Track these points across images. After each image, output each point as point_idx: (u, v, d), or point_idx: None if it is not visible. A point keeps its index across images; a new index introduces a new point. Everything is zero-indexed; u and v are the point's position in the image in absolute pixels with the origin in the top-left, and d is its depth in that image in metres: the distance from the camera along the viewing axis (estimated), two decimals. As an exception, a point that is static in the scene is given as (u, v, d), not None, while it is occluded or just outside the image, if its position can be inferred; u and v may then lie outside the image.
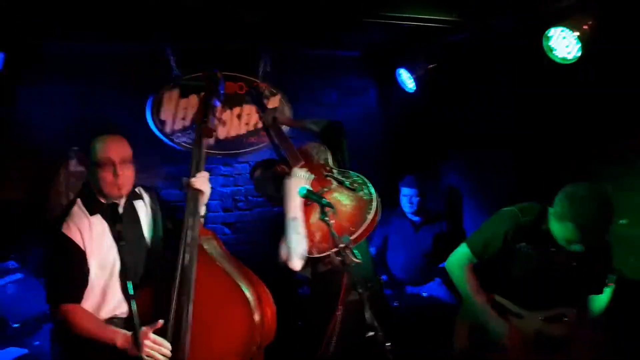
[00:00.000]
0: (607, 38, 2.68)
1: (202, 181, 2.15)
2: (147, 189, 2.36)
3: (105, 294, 2.08)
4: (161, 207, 2.36)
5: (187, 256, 2.02)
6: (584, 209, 2.13)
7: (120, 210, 2.18)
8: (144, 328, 1.91)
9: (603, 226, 2.15)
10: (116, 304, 2.11)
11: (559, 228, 2.25)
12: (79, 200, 2.13)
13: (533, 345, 2.38)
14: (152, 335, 1.92)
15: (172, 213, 2.43)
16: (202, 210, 2.19)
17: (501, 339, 2.37)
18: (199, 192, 2.13)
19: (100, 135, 2.13)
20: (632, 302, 2.59)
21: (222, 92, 2.35)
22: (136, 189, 2.27)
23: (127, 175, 2.13)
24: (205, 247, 2.12)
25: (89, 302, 2.05)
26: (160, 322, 1.93)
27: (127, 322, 2.07)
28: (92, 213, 2.11)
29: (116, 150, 2.11)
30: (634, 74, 2.70)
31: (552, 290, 2.38)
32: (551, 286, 2.38)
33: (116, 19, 3.18)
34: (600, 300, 2.44)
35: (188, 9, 3.07)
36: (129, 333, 1.95)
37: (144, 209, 2.28)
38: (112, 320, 2.09)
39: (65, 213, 2.09)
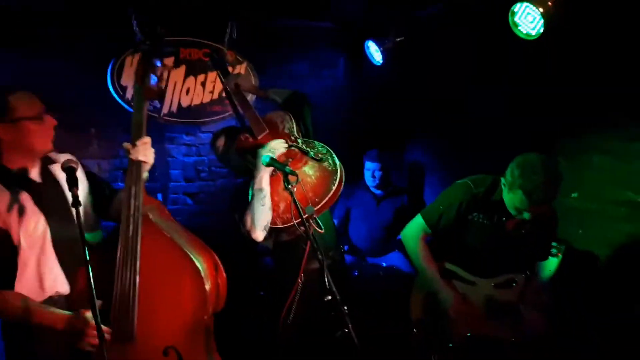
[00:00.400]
0: (571, 15, 2.72)
1: (143, 149, 1.99)
2: (63, 154, 2.12)
3: (40, 271, 1.93)
4: (89, 172, 2.19)
5: (131, 226, 1.90)
6: (532, 175, 2.21)
7: (37, 176, 2.00)
8: (82, 310, 1.78)
9: (550, 193, 2.22)
10: (54, 280, 1.96)
11: (510, 197, 2.33)
12: None
13: (484, 311, 2.46)
14: (91, 318, 1.74)
15: (102, 179, 2.29)
16: (145, 176, 2.04)
17: (449, 308, 2.44)
18: (141, 161, 1.98)
19: (12, 91, 1.90)
20: (578, 270, 2.71)
21: (166, 50, 2.23)
22: (49, 154, 2.07)
23: (55, 125, 1.99)
24: (150, 216, 2.00)
25: (24, 282, 1.90)
26: (99, 302, 1.74)
27: (67, 300, 1.95)
28: (8, 187, 1.91)
29: (40, 102, 1.95)
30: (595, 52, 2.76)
31: (503, 257, 2.50)
32: (502, 254, 2.49)
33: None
34: (548, 267, 2.54)
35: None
36: (69, 313, 1.83)
37: (63, 173, 2.08)
38: (52, 299, 1.95)
39: None
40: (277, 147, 2.40)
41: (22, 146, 1.93)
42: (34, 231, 1.91)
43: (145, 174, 2.03)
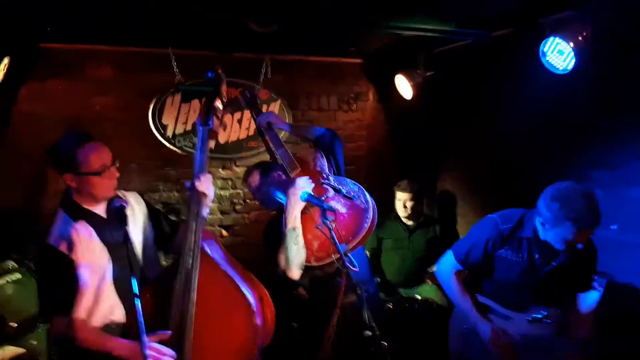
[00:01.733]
0: (602, 49, 2.74)
1: (206, 184, 2.11)
2: (128, 191, 2.31)
3: (98, 299, 2.02)
4: (153, 209, 2.33)
5: (189, 260, 1.98)
6: (574, 204, 2.18)
7: (102, 212, 2.15)
8: (147, 337, 1.81)
9: (597, 215, 2.18)
10: (110, 309, 2.05)
11: (556, 233, 2.27)
12: (61, 210, 2.08)
13: (520, 346, 2.43)
14: (156, 345, 1.86)
15: (166, 215, 2.42)
16: (205, 213, 2.14)
17: (488, 342, 2.42)
18: (203, 195, 2.09)
19: (81, 144, 2.04)
20: (623, 304, 2.65)
21: (224, 92, 2.35)
22: (118, 192, 2.21)
23: (117, 176, 2.14)
24: (207, 250, 2.08)
25: (81, 309, 1.99)
26: (167, 333, 1.90)
27: (124, 328, 2.04)
28: (76, 219, 2.06)
29: (107, 154, 2.10)
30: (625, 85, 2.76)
31: (537, 292, 2.45)
32: (535, 289, 2.45)
33: (122, 22, 3.24)
34: (589, 300, 2.50)
35: (195, 16, 3.12)
36: (132, 342, 1.89)
37: (129, 210, 2.20)
38: (109, 327, 2.04)
39: (49, 224, 2.04)
40: (305, 185, 2.42)
41: (86, 193, 2.09)
42: (96, 262, 2.03)
43: (206, 210, 2.13)
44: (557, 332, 2.40)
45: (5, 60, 3.19)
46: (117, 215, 2.03)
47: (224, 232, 4.28)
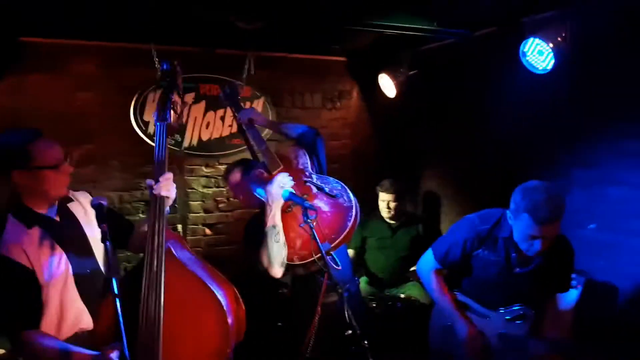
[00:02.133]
0: (581, 49, 2.78)
1: (166, 185, 1.96)
2: (78, 191, 2.21)
3: (63, 307, 1.94)
4: (108, 208, 2.17)
5: (154, 261, 1.88)
6: (533, 195, 2.20)
7: (55, 215, 2.05)
8: (107, 349, 1.74)
9: (555, 210, 2.18)
10: (77, 316, 1.98)
11: (517, 227, 2.29)
12: (10, 216, 1.95)
13: (496, 345, 2.46)
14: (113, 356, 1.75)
15: (120, 214, 2.35)
16: (167, 211, 2.02)
17: (463, 341, 2.45)
18: (163, 197, 1.97)
19: (32, 139, 1.94)
20: (600, 303, 2.70)
21: (186, 86, 2.23)
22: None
23: (71, 172, 2.04)
24: (173, 250, 2.00)
25: (47, 320, 1.91)
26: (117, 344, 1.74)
27: (91, 335, 1.96)
28: (28, 226, 1.94)
29: (59, 150, 2.01)
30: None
31: (514, 291, 2.48)
32: (513, 288, 2.47)
33: (105, 17, 3.19)
34: (568, 299, 2.53)
35: (178, 13, 3.09)
36: (95, 353, 1.80)
37: (81, 210, 2.15)
38: (77, 335, 1.97)
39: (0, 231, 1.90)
40: (285, 182, 2.41)
41: (38, 191, 1.98)
42: (56, 269, 1.93)
43: (167, 209, 2.04)
44: (533, 332, 2.43)
45: None
46: (97, 213, 1.92)
47: (207, 231, 4.26)
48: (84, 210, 2.15)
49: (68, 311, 1.95)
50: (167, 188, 1.97)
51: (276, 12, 3.14)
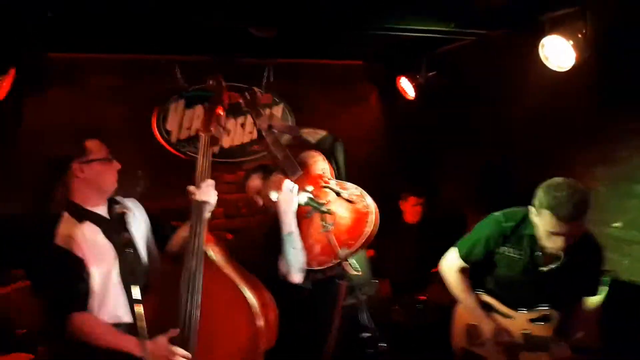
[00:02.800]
0: (602, 46, 2.73)
1: (207, 191, 2.15)
2: (126, 198, 2.34)
3: (105, 298, 2.06)
4: (150, 214, 2.36)
5: (193, 263, 2.02)
6: (555, 192, 2.17)
7: (105, 214, 2.19)
8: (159, 337, 1.89)
9: (576, 208, 2.14)
10: (117, 309, 2.08)
11: (539, 223, 2.26)
12: (65, 213, 2.11)
13: (521, 345, 2.43)
14: (170, 345, 1.91)
15: (163, 219, 2.43)
16: (207, 216, 2.17)
17: (490, 339, 2.42)
18: (204, 201, 2.14)
19: (87, 137, 2.18)
20: (627, 303, 2.62)
21: (225, 100, 2.38)
22: (116, 197, 2.27)
23: (119, 169, 2.22)
24: (210, 253, 2.11)
25: (93, 307, 2.02)
26: (176, 330, 1.93)
27: (131, 329, 2.03)
28: (80, 220, 2.10)
29: (107, 149, 2.21)
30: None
31: (536, 292, 2.44)
32: (538, 287, 2.43)
33: (124, 31, 3.28)
34: (594, 299, 2.48)
35: (196, 23, 3.15)
36: (146, 340, 1.89)
37: (129, 214, 2.21)
38: (118, 326, 2.05)
39: (55, 225, 2.06)
40: (293, 187, 2.43)
41: (94, 184, 2.16)
42: (103, 261, 2.07)
43: (207, 214, 2.17)
44: (558, 333, 2.39)
45: (11, 71, 3.24)
46: (118, 221, 2.05)
47: (229, 236, 4.30)
48: (132, 214, 2.26)
49: (110, 301, 2.06)
50: (208, 194, 2.14)
51: (291, 18, 3.17)
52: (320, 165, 2.65)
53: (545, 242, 2.28)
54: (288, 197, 2.40)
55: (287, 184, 2.45)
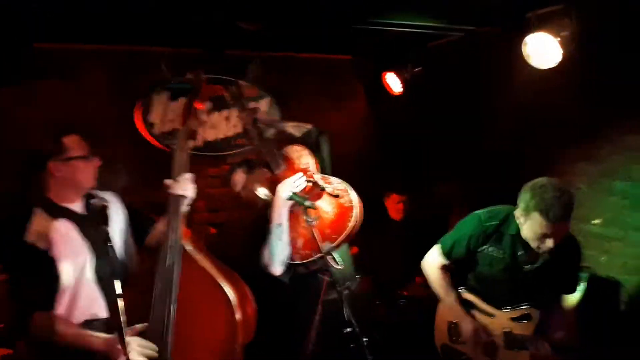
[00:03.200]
0: (588, 43, 2.74)
1: (184, 185, 2.11)
2: (106, 192, 2.29)
3: (77, 295, 2.03)
4: (129, 207, 2.32)
5: (170, 258, 1.99)
6: (544, 194, 2.18)
7: (80, 209, 2.15)
8: (127, 330, 1.80)
9: (566, 208, 2.17)
10: (91, 305, 2.05)
11: (528, 226, 2.27)
12: (36, 209, 2.05)
13: (501, 344, 2.45)
14: (137, 338, 1.87)
15: (142, 212, 2.41)
16: (184, 210, 2.14)
17: (470, 338, 2.44)
18: (181, 195, 2.10)
19: (66, 133, 2.11)
20: (604, 299, 2.66)
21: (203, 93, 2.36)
22: (93, 191, 2.22)
23: (99, 166, 2.17)
24: (187, 248, 2.08)
25: (61, 306, 2.00)
26: (144, 325, 1.91)
27: (107, 324, 2.02)
28: (54, 216, 2.06)
29: (86, 145, 2.14)
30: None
31: (520, 289, 2.46)
32: (519, 286, 2.45)
33: (109, 21, 3.22)
34: (572, 298, 2.50)
35: (182, 15, 3.10)
36: (109, 336, 1.89)
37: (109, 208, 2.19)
38: (92, 323, 2.03)
39: (26, 221, 2.01)
40: (299, 184, 2.42)
41: (70, 182, 2.11)
42: (76, 257, 2.04)
43: (185, 208, 2.14)
44: (538, 331, 2.40)
45: None
46: (99, 214, 1.98)
47: (212, 230, 4.26)
48: (110, 209, 2.18)
49: (83, 298, 2.03)
50: (185, 187, 2.10)
51: (279, 11, 3.14)
52: (305, 159, 2.64)
53: (534, 244, 2.29)
54: (287, 191, 2.37)
55: (295, 178, 2.44)
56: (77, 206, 2.16)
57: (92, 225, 2.09)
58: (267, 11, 3.15)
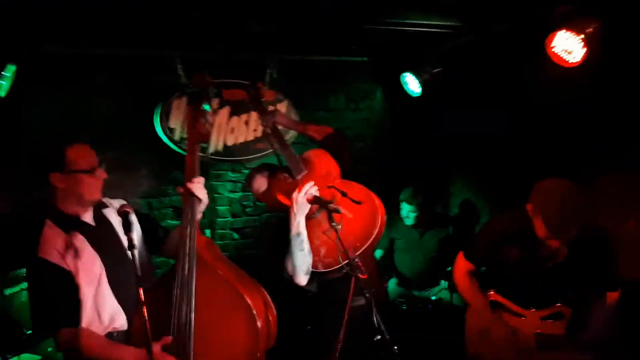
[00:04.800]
0: (611, 42, 2.69)
1: (197, 189, 2.07)
2: (113, 199, 2.27)
3: (97, 308, 2.00)
4: (141, 214, 2.28)
5: (186, 265, 1.97)
6: (552, 199, 2.20)
7: (91, 220, 2.11)
8: (153, 345, 1.78)
9: (573, 215, 2.17)
10: (111, 317, 2.03)
11: (539, 225, 2.28)
12: (48, 221, 2.02)
13: (534, 345, 2.42)
14: (160, 352, 1.86)
15: (154, 220, 2.40)
16: (199, 217, 2.11)
17: (501, 342, 2.41)
18: (196, 199, 2.07)
19: (70, 143, 2.04)
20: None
21: (211, 95, 2.31)
22: (102, 199, 2.19)
23: (105, 178, 2.10)
24: (204, 255, 2.06)
25: (84, 320, 1.97)
26: (169, 338, 1.89)
27: (127, 335, 2.04)
28: (65, 230, 2.01)
29: (94, 155, 2.08)
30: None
31: (546, 289, 2.44)
32: (545, 285, 2.43)
33: (127, 26, 3.23)
34: (611, 296, 2.44)
35: (198, 19, 3.11)
36: (138, 349, 1.88)
37: (116, 216, 2.12)
38: (111, 335, 2.02)
39: (37, 236, 1.98)
40: (312, 192, 2.36)
41: (74, 195, 2.05)
42: (90, 270, 2.00)
43: (199, 215, 2.11)
44: (570, 331, 2.37)
45: (13, 68, 3.19)
46: (123, 221, 1.95)
47: (235, 235, 4.29)
48: (119, 216, 2.18)
49: (102, 311, 2.01)
50: (199, 190, 2.07)
51: (294, 13, 3.13)
52: (326, 164, 2.59)
53: (546, 241, 2.31)
54: (303, 199, 2.33)
55: (308, 186, 2.38)
56: (87, 216, 2.11)
57: (104, 235, 2.09)
58: (282, 13, 3.14)
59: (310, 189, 2.37)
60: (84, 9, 2.84)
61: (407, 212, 3.83)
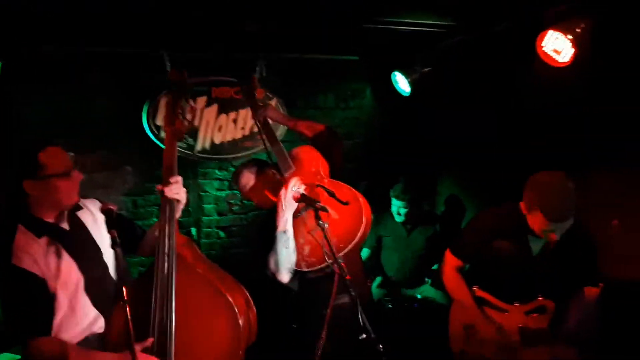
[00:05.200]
0: (601, 42, 2.69)
1: (175, 188, 2.03)
2: (88, 199, 2.21)
3: (74, 314, 1.96)
4: (117, 213, 2.19)
5: (165, 265, 1.93)
6: (547, 192, 2.23)
7: (65, 225, 2.05)
8: (137, 345, 1.76)
9: (568, 207, 2.21)
10: (89, 321, 1.99)
11: (532, 220, 2.32)
12: (20, 226, 1.94)
13: (519, 340, 2.43)
14: (142, 354, 1.81)
15: (130, 219, 2.37)
16: (178, 215, 2.07)
17: (486, 338, 2.44)
18: (174, 199, 2.03)
19: (42, 148, 1.95)
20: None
21: (197, 90, 2.30)
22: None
23: (81, 179, 2.04)
24: (183, 254, 2.03)
25: (59, 326, 1.92)
26: (150, 339, 1.86)
27: (103, 339, 1.99)
28: (39, 235, 1.94)
29: (68, 158, 2.01)
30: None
31: (531, 284, 2.46)
32: (530, 281, 2.46)
33: (115, 23, 3.19)
34: (592, 290, 2.47)
35: (188, 17, 3.08)
36: (120, 354, 1.84)
37: (90, 218, 2.14)
38: (87, 338, 1.99)
39: (9, 239, 1.91)
40: (297, 187, 2.33)
41: (49, 201, 1.97)
42: (67, 277, 1.95)
43: (178, 213, 2.07)
44: (554, 326, 2.38)
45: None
46: (107, 219, 1.92)
47: (221, 234, 4.24)
48: (93, 217, 2.15)
49: (79, 317, 1.97)
50: (177, 191, 2.01)
51: (285, 12, 3.10)
52: (315, 161, 2.57)
53: (539, 236, 2.35)
54: (290, 194, 2.31)
55: (293, 182, 2.36)
56: (62, 221, 2.05)
57: (79, 239, 2.04)
58: (272, 12, 3.11)
59: (298, 186, 2.34)
60: (77, 8, 2.82)
61: (398, 209, 3.80)
